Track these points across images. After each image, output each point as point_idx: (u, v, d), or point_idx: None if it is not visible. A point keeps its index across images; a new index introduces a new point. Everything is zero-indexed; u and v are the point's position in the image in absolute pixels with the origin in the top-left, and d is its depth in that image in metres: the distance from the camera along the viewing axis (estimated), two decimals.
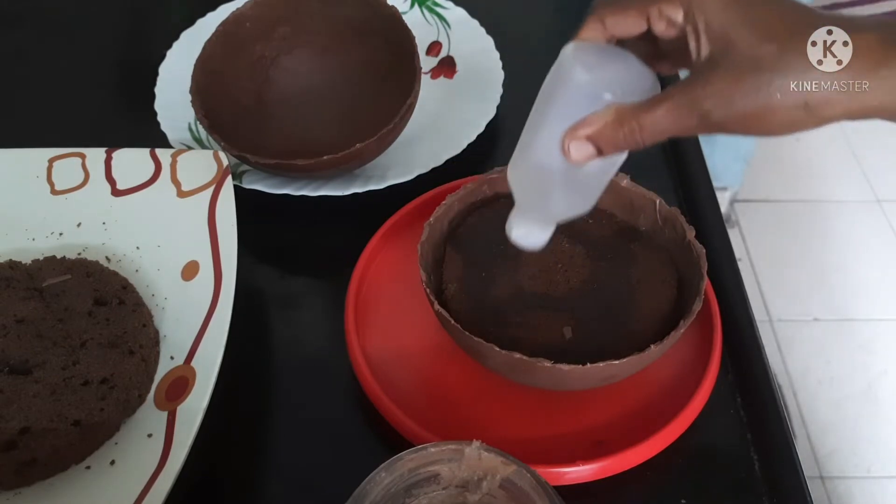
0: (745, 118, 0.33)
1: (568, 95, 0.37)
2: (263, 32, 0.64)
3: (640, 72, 0.38)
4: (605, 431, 0.46)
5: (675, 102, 0.34)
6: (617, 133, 0.36)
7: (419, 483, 0.36)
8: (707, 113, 0.33)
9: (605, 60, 0.38)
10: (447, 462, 0.36)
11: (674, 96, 0.34)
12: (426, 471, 0.36)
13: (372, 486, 0.34)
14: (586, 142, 0.37)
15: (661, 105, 0.34)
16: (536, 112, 0.40)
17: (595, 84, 0.36)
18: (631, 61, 0.38)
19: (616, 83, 0.37)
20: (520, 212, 0.43)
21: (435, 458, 0.36)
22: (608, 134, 0.36)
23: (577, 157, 0.37)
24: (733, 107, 0.33)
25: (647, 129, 0.35)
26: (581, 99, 0.37)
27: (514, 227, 0.43)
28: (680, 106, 0.34)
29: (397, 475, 0.35)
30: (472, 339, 0.42)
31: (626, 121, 0.35)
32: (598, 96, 0.36)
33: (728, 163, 1.47)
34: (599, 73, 0.37)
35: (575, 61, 0.37)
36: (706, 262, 0.46)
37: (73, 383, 0.44)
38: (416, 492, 0.36)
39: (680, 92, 0.34)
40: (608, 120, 0.36)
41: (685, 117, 0.34)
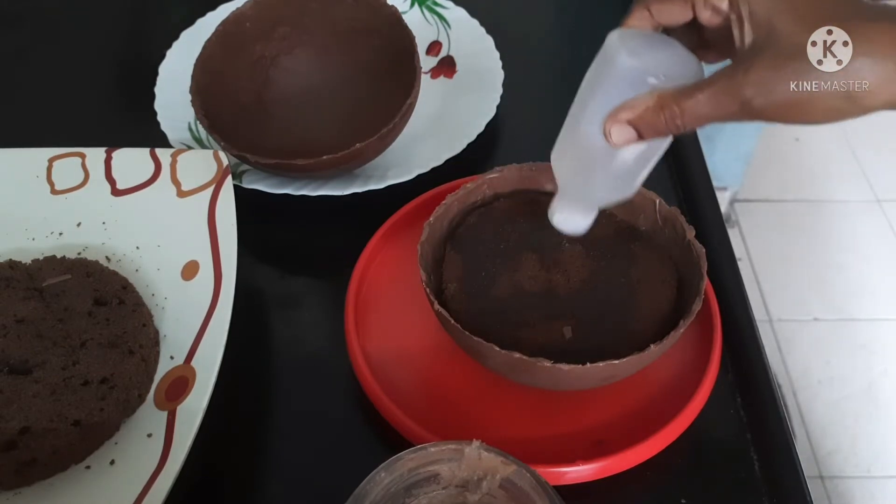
0: (786, 106, 0.33)
1: (612, 80, 0.37)
2: (263, 32, 0.64)
3: (685, 58, 0.38)
4: (605, 431, 0.46)
5: (717, 88, 0.34)
6: (658, 117, 0.36)
7: (419, 483, 0.36)
8: (748, 100, 0.33)
9: (650, 47, 0.38)
10: (447, 462, 0.36)
11: (716, 82, 0.34)
12: (426, 471, 0.36)
13: (372, 486, 0.34)
14: (627, 125, 0.37)
15: (703, 91, 0.34)
16: (581, 96, 0.40)
17: (639, 69, 0.37)
18: (676, 48, 0.38)
19: (660, 69, 0.37)
20: (562, 196, 0.43)
21: (435, 457, 0.36)
22: (649, 118, 0.36)
23: (618, 140, 0.37)
24: (775, 94, 0.33)
25: (688, 114, 0.35)
26: (625, 83, 0.37)
27: (556, 211, 0.43)
28: (722, 92, 0.34)
29: (397, 475, 0.35)
30: (472, 339, 0.42)
31: (667, 105, 0.35)
32: (643, 81, 0.36)
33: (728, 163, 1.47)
34: (644, 59, 0.37)
35: (620, 46, 0.37)
36: (706, 261, 0.46)
37: (73, 383, 0.44)
38: (416, 492, 0.36)
39: (722, 78, 0.34)
40: (649, 104, 0.36)
41: (726, 103, 0.34)
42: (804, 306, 1.47)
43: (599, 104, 0.38)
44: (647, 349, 0.42)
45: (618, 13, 0.67)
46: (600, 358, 0.41)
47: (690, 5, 0.37)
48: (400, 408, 0.45)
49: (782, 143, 1.72)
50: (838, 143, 1.74)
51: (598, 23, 0.80)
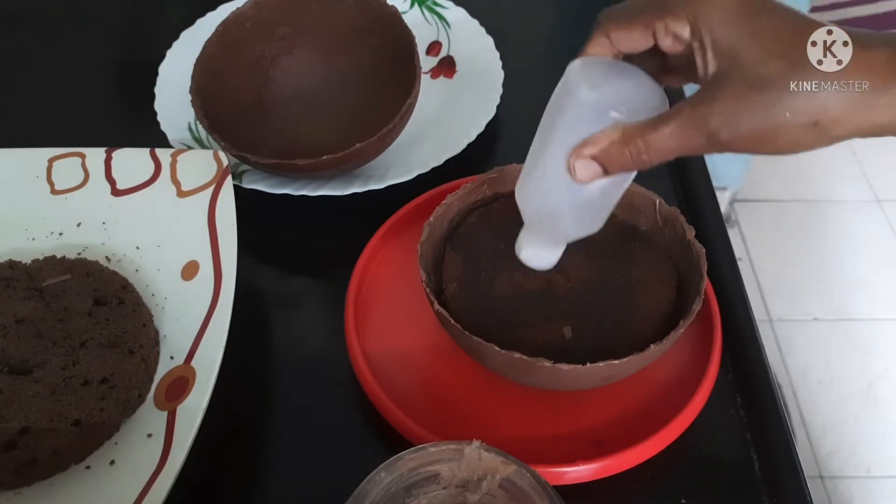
0: (752, 138, 0.32)
1: (574, 114, 0.36)
2: (263, 32, 0.64)
3: (648, 88, 0.37)
4: (605, 431, 0.46)
5: (682, 121, 0.34)
6: (623, 152, 0.35)
7: (419, 483, 0.36)
8: (714, 132, 0.33)
9: (612, 77, 0.37)
10: (447, 462, 0.36)
11: (680, 114, 0.34)
12: (426, 470, 0.36)
13: (372, 486, 0.34)
14: (592, 161, 0.36)
15: (668, 124, 0.34)
16: (542, 131, 0.39)
17: (601, 102, 0.36)
18: (638, 77, 0.37)
19: (623, 101, 0.36)
20: (529, 232, 0.43)
21: (435, 457, 0.36)
22: (614, 153, 0.35)
23: (582, 176, 0.37)
24: (741, 126, 0.32)
25: (654, 149, 0.34)
26: (587, 117, 0.36)
27: (523, 247, 0.43)
28: (687, 125, 0.33)
29: (397, 475, 0.35)
30: (472, 338, 0.42)
31: (632, 140, 0.35)
32: (605, 115, 0.36)
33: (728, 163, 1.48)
34: (605, 91, 0.36)
35: (580, 79, 0.36)
36: (706, 261, 0.46)
37: (73, 383, 0.44)
38: (416, 492, 0.36)
39: (687, 109, 0.33)
40: (614, 139, 0.35)
41: (692, 137, 0.33)
42: (804, 306, 1.47)
43: (562, 138, 0.37)
44: (647, 349, 0.42)
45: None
46: (600, 358, 0.41)
47: (651, 32, 0.36)
48: (400, 408, 0.45)
49: None
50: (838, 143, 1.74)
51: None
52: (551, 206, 0.40)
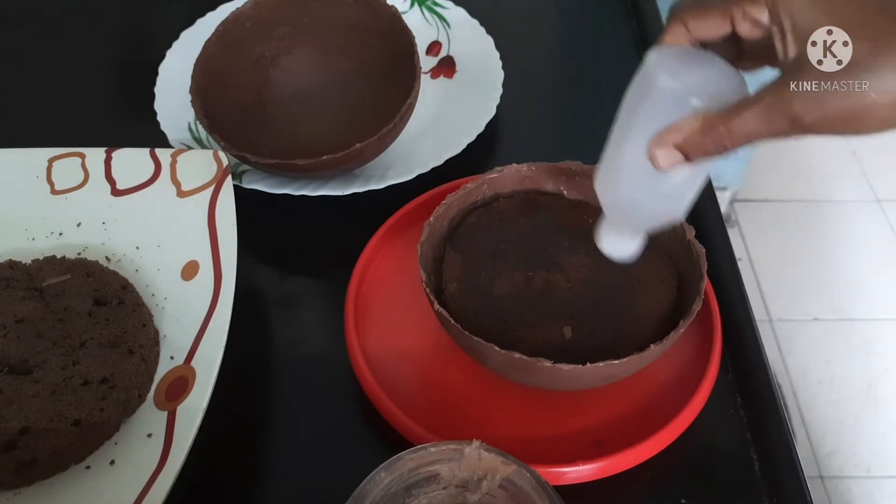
0: (838, 120, 0.32)
1: (654, 103, 0.36)
2: (263, 32, 0.64)
3: (727, 74, 0.37)
4: (605, 431, 0.46)
5: (765, 106, 0.33)
6: (705, 139, 0.35)
7: (419, 483, 0.36)
8: (798, 116, 0.32)
9: (690, 65, 0.37)
10: (447, 462, 0.36)
11: (763, 99, 0.33)
12: (426, 470, 0.36)
13: (372, 486, 0.34)
14: (673, 149, 0.36)
15: (750, 109, 0.33)
16: (621, 121, 0.39)
17: (681, 90, 0.36)
18: (717, 64, 0.37)
19: (702, 88, 0.36)
20: (609, 223, 0.42)
21: (435, 457, 0.36)
22: (696, 140, 0.35)
23: (664, 164, 0.36)
24: (825, 109, 0.32)
25: (737, 134, 0.34)
26: (668, 106, 0.36)
27: (603, 238, 0.43)
28: (770, 109, 0.33)
29: (397, 475, 0.35)
30: (472, 338, 0.42)
31: (714, 127, 0.34)
32: (685, 102, 0.35)
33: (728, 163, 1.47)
34: (685, 79, 0.36)
35: (660, 67, 0.36)
36: (706, 261, 0.46)
37: (73, 383, 0.44)
38: (416, 492, 0.36)
39: (769, 94, 0.33)
40: (696, 126, 0.35)
41: (775, 121, 0.33)
42: (804, 306, 1.47)
43: (642, 128, 0.37)
44: (647, 349, 0.42)
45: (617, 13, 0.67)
46: (600, 358, 0.41)
47: (729, 19, 0.36)
48: (400, 408, 0.45)
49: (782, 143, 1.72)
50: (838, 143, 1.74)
51: (598, 23, 0.80)
52: (632, 196, 0.40)
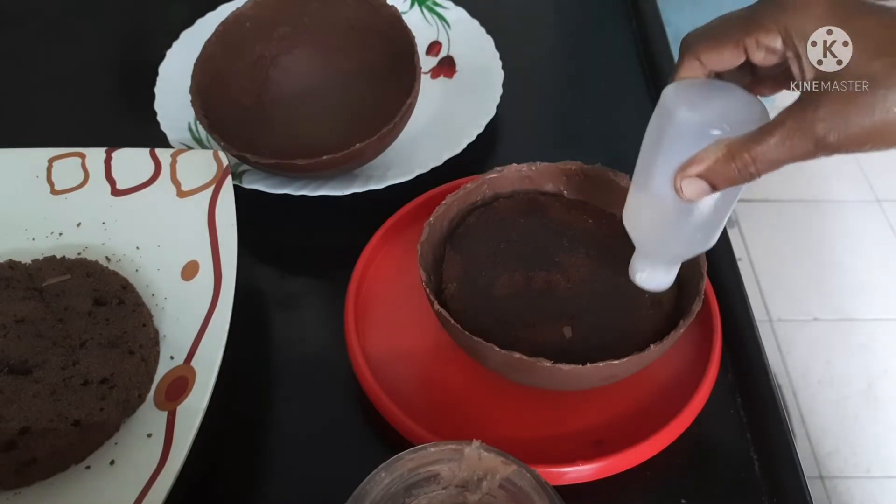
0: (862, 137, 0.32)
1: (675, 136, 0.37)
2: (263, 32, 0.64)
3: (746, 102, 0.37)
4: (605, 431, 0.46)
5: (788, 130, 0.33)
6: (729, 168, 0.35)
7: (419, 483, 0.36)
8: (822, 137, 0.33)
9: (708, 96, 0.37)
10: (447, 462, 0.36)
11: (784, 123, 0.33)
12: (426, 471, 0.36)
13: (372, 486, 0.34)
14: (699, 179, 0.36)
15: (774, 135, 0.34)
16: (644, 156, 0.39)
17: (701, 122, 0.36)
18: (735, 92, 0.37)
19: (723, 118, 0.36)
20: (641, 255, 0.43)
21: (435, 457, 0.36)
22: (720, 170, 0.35)
23: (690, 195, 0.37)
24: (849, 128, 0.32)
25: (761, 161, 0.34)
26: (689, 138, 0.36)
27: (637, 270, 0.44)
28: (793, 133, 0.33)
29: (397, 475, 0.35)
30: (471, 339, 0.42)
31: (737, 155, 0.35)
32: (706, 134, 0.36)
33: None
34: (704, 111, 0.36)
35: (678, 102, 0.37)
36: (706, 261, 0.46)
37: (73, 383, 0.44)
38: (416, 492, 0.36)
39: (791, 118, 0.33)
40: (719, 156, 0.35)
41: (800, 144, 0.33)
42: (804, 306, 1.47)
43: (666, 161, 0.37)
44: (647, 349, 0.42)
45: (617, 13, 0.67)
46: (600, 358, 0.41)
47: (742, 49, 0.36)
48: (400, 408, 0.45)
49: None
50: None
51: (598, 23, 0.80)
52: (662, 229, 0.40)
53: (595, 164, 0.51)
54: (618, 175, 0.51)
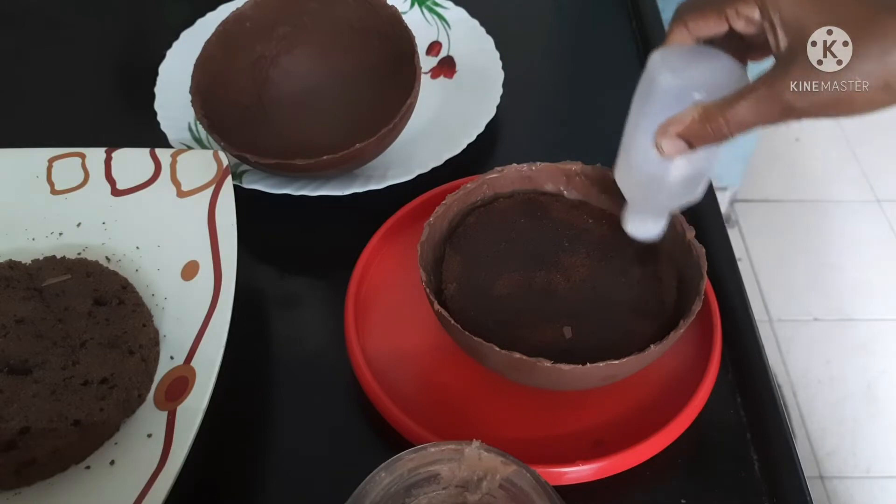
0: (828, 104, 0.34)
1: (658, 99, 0.40)
2: (263, 32, 0.64)
3: (727, 67, 0.39)
4: (605, 431, 0.46)
5: (758, 97, 0.36)
6: (705, 128, 0.38)
7: (419, 483, 0.36)
8: (789, 103, 0.35)
9: (692, 61, 0.40)
10: (447, 462, 0.36)
11: (757, 90, 0.36)
12: (426, 471, 0.36)
13: (372, 486, 0.34)
14: (677, 138, 0.39)
15: (745, 99, 0.36)
16: (632, 117, 0.42)
17: (682, 86, 0.39)
18: (718, 58, 0.40)
19: (702, 82, 0.39)
20: (631, 208, 0.46)
21: (435, 457, 0.36)
22: (696, 130, 0.38)
23: (669, 151, 0.40)
24: (815, 95, 0.34)
25: (733, 123, 0.37)
26: (671, 101, 0.39)
27: (628, 221, 0.47)
28: (762, 99, 0.36)
29: (397, 475, 0.35)
30: (471, 338, 0.42)
31: (712, 117, 0.37)
32: (687, 96, 0.38)
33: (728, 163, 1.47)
34: (685, 75, 0.39)
35: (662, 66, 0.40)
36: (706, 261, 0.46)
37: (73, 383, 0.44)
38: (415, 492, 0.36)
39: (762, 85, 0.36)
40: (695, 117, 0.38)
41: (768, 109, 0.36)
42: (804, 306, 1.47)
43: (650, 122, 0.40)
44: (647, 349, 0.42)
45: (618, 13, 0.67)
46: (600, 358, 0.41)
47: (724, 18, 0.38)
48: (400, 408, 0.45)
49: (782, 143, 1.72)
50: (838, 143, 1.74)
51: (598, 23, 0.80)
52: (648, 182, 0.43)
53: (595, 164, 0.51)
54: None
